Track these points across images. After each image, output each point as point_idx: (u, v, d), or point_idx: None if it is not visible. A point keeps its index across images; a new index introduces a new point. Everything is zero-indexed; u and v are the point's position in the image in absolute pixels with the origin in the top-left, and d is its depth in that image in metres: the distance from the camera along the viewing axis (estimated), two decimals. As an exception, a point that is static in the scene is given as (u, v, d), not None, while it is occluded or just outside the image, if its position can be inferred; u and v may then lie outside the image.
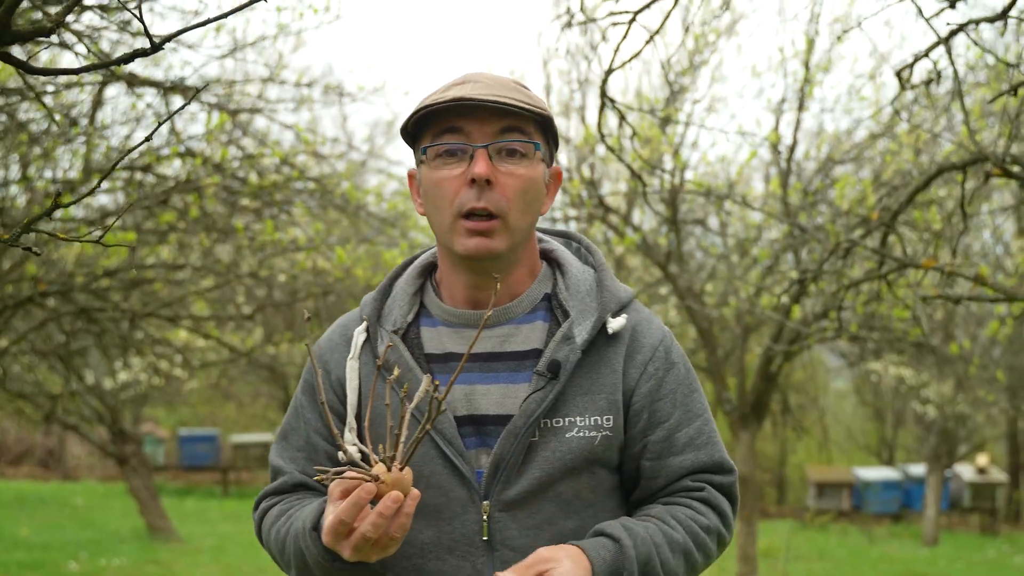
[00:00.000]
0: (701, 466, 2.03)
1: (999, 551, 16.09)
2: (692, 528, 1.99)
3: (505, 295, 2.03)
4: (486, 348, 2.00)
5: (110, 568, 10.95)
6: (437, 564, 1.97)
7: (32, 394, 11.19)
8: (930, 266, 3.56)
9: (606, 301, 2.01)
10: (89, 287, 6.52)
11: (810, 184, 8.30)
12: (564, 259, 2.10)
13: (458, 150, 1.95)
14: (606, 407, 1.96)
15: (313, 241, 6.86)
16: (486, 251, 1.93)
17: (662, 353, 2.02)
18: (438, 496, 1.97)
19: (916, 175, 5.90)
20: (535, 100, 2.00)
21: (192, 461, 21.46)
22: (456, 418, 1.97)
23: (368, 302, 2.13)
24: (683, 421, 2.02)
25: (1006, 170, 3.44)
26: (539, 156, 2.00)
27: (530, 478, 1.94)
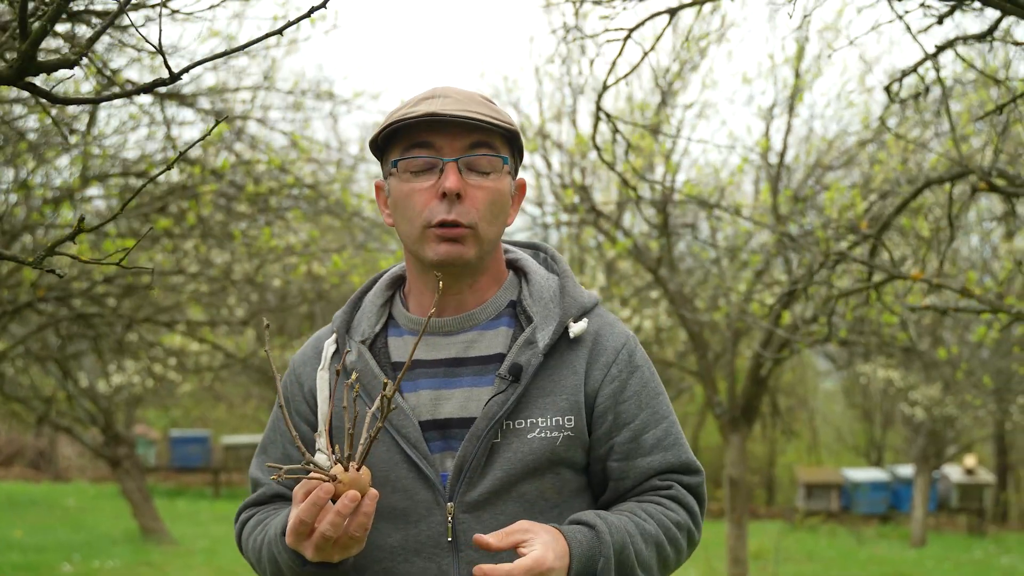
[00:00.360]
0: (669, 466, 2.07)
1: (986, 552, 16.21)
2: (663, 522, 2.02)
3: (471, 302, 2.08)
4: (450, 354, 2.05)
5: (103, 570, 11.00)
6: (405, 567, 2.01)
7: (26, 397, 11.24)
8: (918, 278, 3.64)
9: (568, 306, 2.06)
10: (88, 293, 6.58)
11: (800, 190, 8.39)
12: (529, 268, 2.16)
13: (428, 164, 2.00)
14: (567, 408, 2.00)
15: (309, 247, 6.93)
16: (456, 257, 1.98)
17: (625, 356, 2.07)
18: (404, 500, 2.01)
19: (904, 183, 5.98)
20: (503, 115, 2.05)
21: (183, 462, 21.49)
22: (422, 423, 2.01)
23: (338, 315, 2.20)
24: (649, 423, 2.06)
25: (991, 184, 3.52)
26: (506, 169, 2.05)
27: (492, 479, 1.98)
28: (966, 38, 3.89)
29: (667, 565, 2.06)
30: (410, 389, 2.04)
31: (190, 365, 11.69)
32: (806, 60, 8.32)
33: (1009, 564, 14.67)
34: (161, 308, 7.37)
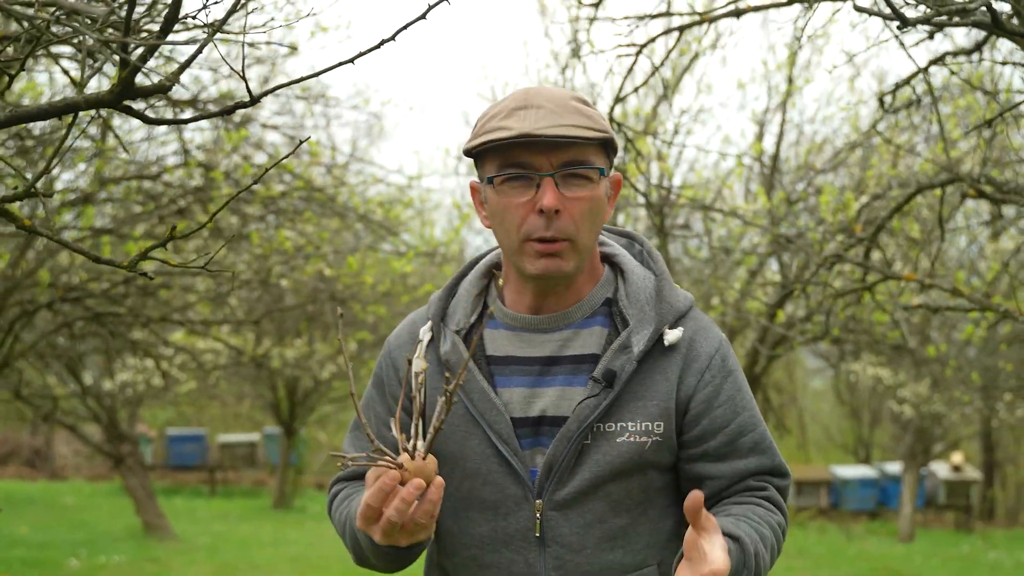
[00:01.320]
0: (765, 469, 2.11)
1: (973, 547, 16.46)
2: (772, 526, 2.07)
3: (568, 299, 2.10)
4: (545, 352, 2.08)
5: (109, 565, 11.19)
6: (494, 556, 2.07)
7: (31, 395, 11.42)
8: (911, 279, 3.88)
9: (664, 312, 2.07)
10: (107, 293, 6.78)
11: (793, 192, 8.63)
12: (626, 265, 2.15)
13: (524, 177, 2.00)
14: (657, 414, 2.03)
15: (319, 249, 7.14)
16: (556, 271, 2.01)
17: (718, 361, 2.08)
18: (494, 492, 2.06)
19: (896, 186, 6.22)
20: (597, 123, 2.04)
21: (180, 460, 21.61)
22: (514, 419, 2.05)
23: (434, 301, 2.21)
24: (746, 427, 2.09)
25: (980, 191, 3.76)
26: (602, 178, 2.05)
27: (581, 479, 2.02)
28: (956, 53, 4.14)
29: (771, 566, 2.09)
30: (504, 385, 2.07)
31: (195, 364, 11.88)
32: (797, 66, 8.59)
33: (995, 559, 14.93)
34: (175, 308, 7.58)
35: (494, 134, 1.99)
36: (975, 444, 23.92)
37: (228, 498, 20.21)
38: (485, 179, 2.07)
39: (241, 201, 7.29)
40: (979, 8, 2.58)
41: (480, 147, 2.02)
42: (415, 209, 10.18)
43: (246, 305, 10.83)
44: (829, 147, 9.50)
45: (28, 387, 10.43)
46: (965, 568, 14.08)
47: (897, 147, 5.81)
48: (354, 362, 15.17)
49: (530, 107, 2.00)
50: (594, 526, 2.04)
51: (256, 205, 7.05)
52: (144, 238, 6.51)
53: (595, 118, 2.04)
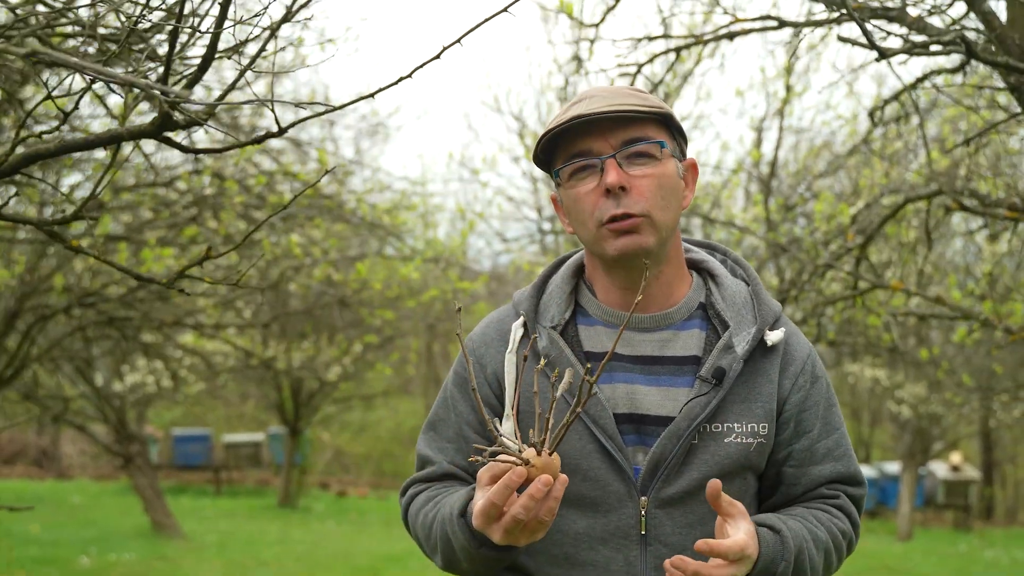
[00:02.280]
0: (839, 476, 2.11)
1: (971, 545, 16.65)
2: (832, 530, 2.06)
3: (662, 301, 2.10)
4: (647, 351, 2.07)
5: (120, 563, 11.37)
6: (590, 554, 2.03)
7: (42, 397, 11.62)
8: (898, 288, 4.08)
9: (764, 314, 2.08)
10: (123, 298, 6.98)
11: (792, 196, 8.81)
12: (716, 270, 2.16)
13: (588, 165, 2.02)
14: (762, 415, 2.04)
15: (327, 254, 7.33)
16: (637, 247, 1.99)
17: (810, 367, 2.11)
18: (595, 489, 2.02)
19: (887, 193, 6.40)
20: (651, 101, 2.05)
21: (185, 460, 21.81)
22: (616, 415, 2.03)
23: (523, 299, 2.19)
24: (823, 433, 2.10)
25: (961, 204, 3.95)
26: (667, 153, 2.04)
27: (689, 478, 2.00)
28: (941, 71, 4.33)
29: (830, 570, 2.08)
30: (605, 381, 2.05)
31: (206, 365, 12.09)
32: (795, 74, 8.75)
33: (993, 557, 15.12)
34: (186, 311, 7.78)
35: (549, 127, 2.04)
36: (974, 444, 24.10)
37: (233, 497, 20.40)
38: (554, 175, 2.09)
39: (250, 207, 7.48)
40: (952, 41, 2.77)
41: (543, 140, 2.05)
42: (418, 213, 10.39)
43: (251, 308, 11.05)
44: (827, 151, 9.67)
45: (41, 388, 10.63)
46: (962, 566, 14.25)
47: (890, 158, 6.00)
48: (359, 364, 15.39)
49: (585, 99, 2.05)
50: (696, 527, 2.01)
51: (266, 211, 7.24)
52: (158, 245, 6.69)
53: (650, 99, 2.06)
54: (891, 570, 13.34)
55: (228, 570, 11.39)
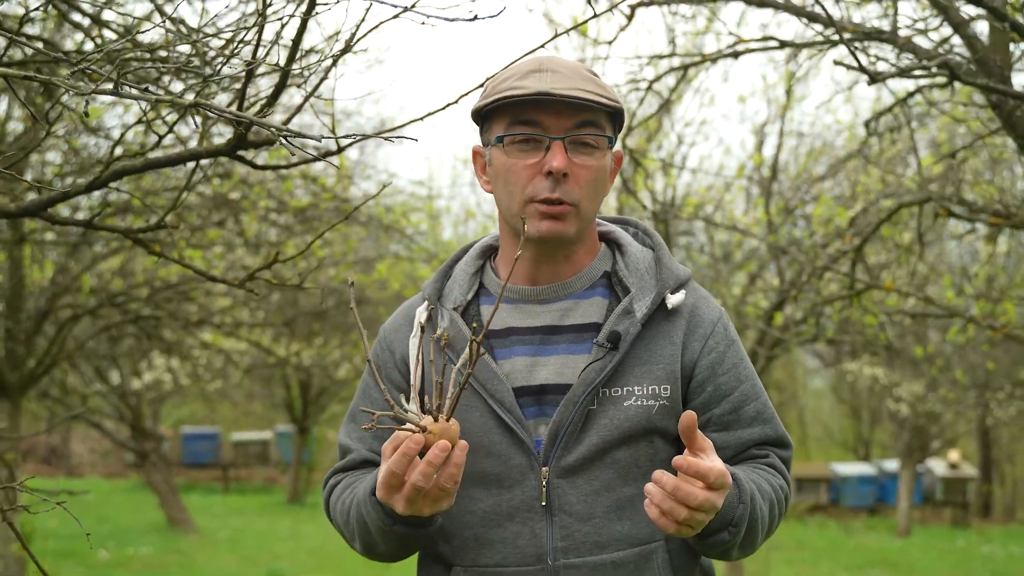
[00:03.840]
0: (767, 439, 2.10)
1: (968, 541, 16.94)
2: (772, 483, 2.06)
3: (566, 272, 2.09)
4: (546, 322, 2.06)
5: (137, 557, 11.69)
6: (498, 532, 2.00)
7: (61, 395, 11.91)
8: (890, 288, 4.38)
9: (665, 278, 2.07)
10: (151, 298, 7.28)
11: (793, 198, 9.08)
12: (623, 240, 2.16)
13: (534, 139, 1.99)
14: (663, 377, 2.01)
15: (347, 256, 7.63)
16: (558, 234, 2.00)
17: (721, 329, 2.09)
18: (498, 465, 2.01)
19: (883, 198, 6.69)
20: (608, 92, 2.04)
21: (194, 458, 22.13)
22: (516, 389, 2.02)
23: (429, 284, 2.20)
24: (749, 396, 2.08)
25: (950, 211, 4.25)
26: (608, 148, 2.06)
27: (588, 445, 1.98)
28: (931, 87, 4.63)
29: (773, 525, 2.07)
30: (505, 356, 2.05)
31: (230, 363, 12.40)
32: (794, 80, 9.03)
33: (989, 552, 15.42)
34: (212, 312, 8.09)
35: (509, 92, 1.98)
36: (973, 442, 24.35)
37: (241, 495, 20.71)
38: (492, 140, 2.05)
39: (272, 211, 7.78)
40: (937, 65, 3.07)
41: (494, 104, 2.01)
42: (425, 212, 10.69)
43: (262, 307, 11.36)
44: (827, 155, 9.94)
45: (55, 387, 10.90)
46: (959, 561, 14.56)
47: (887, 164, 6.30)
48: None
49: (545, 70, 2.00)
50: (601, 494, 1.99)
51: (288, 215, 7.53)
52: (188, 247, 6.97)
53: (607, 88, 2.05)
54: (890, 565, 13.64)
55: (242, 563, 11.70)
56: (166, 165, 2.62)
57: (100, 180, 2.56)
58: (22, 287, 7.29)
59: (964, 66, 3.54)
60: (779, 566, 12.50)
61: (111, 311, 7.82)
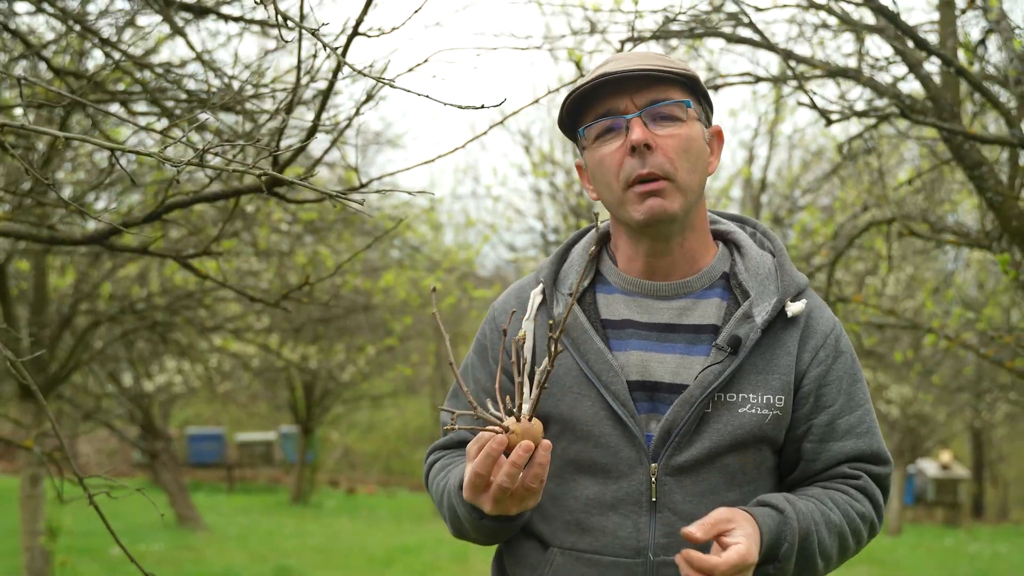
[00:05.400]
0: (860, 454, 2.06)
1: (957, 540, 17.30)
2: (848, 512, 2.01)
3: (684, 269, 2.06)
4: (664, 319, 2.04)
5: (149, 553, 12.05)
6: (600, 520, 2.00)
7: (71, 397, 12.30)
8: (858, 301, 4.78)
9: (787, 285, 2.04)
10: (171, 306, 7.69)
11: (780, 208, 9.48)
12: (742, 241, 2.12)
13: (613, 125, 1.98)
14: (779, 387, 1.99)
15: (355, 265, 8.03)
16: (661, 211, 1.95)
17: (832, 341, 2.06)
18: (606, 455, 1.99)
19: (860, 212, 7.08)
20: (677, 64, 2.02)
21: (199, 459, 22.48)
22: (629, 382, 2.00)
23: (545, 266, 2.17)
24: (846, 408, 2.05)
25: (912, 230, 4.65)
26: (693, 115, 2.01)
27: (700, 447, 1.97)
28: (900, 113, 5.02)
29: (846, 554, 2.04)
30: (620, 348, 2.03)
31: (234, 366, 12.81)
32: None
33: (976, 551, 15.76)
34: (227, 317, 8.50)
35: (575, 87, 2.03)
36: (967, 443, 24.68)
37: (246, 494, 21.07)
38: (579, 135, 2.06)
39: (282, 221, 8.18)
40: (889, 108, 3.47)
41: (569, 101, 2.03)
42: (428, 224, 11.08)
43: (271, 313, 11.76)
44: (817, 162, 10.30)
45: (73, 389, 11.30)
46: (945, 559, 14.89)
47: (854, 188, 6.69)
48: (372, 365, 16.10)
49: (611, 61, 2.03)
50: (707, 496, 1.98)
51: (297, 226, 7.93)
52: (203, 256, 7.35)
53: (675, 62, 2.04)
54: (878, 562, 13.99)
55: (251, 559, 12.06)
56: (211, 200, 3.02)
57: (155, 212, 2.96)
58: (45, 293, 7.69)
59: (918, 103, 3.94)
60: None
61: (130, 317, 8.22)
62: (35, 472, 7.76)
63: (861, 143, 5.35)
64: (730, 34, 4.35)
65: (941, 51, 3.67)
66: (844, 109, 3.50)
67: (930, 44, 3.63)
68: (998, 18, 4.04)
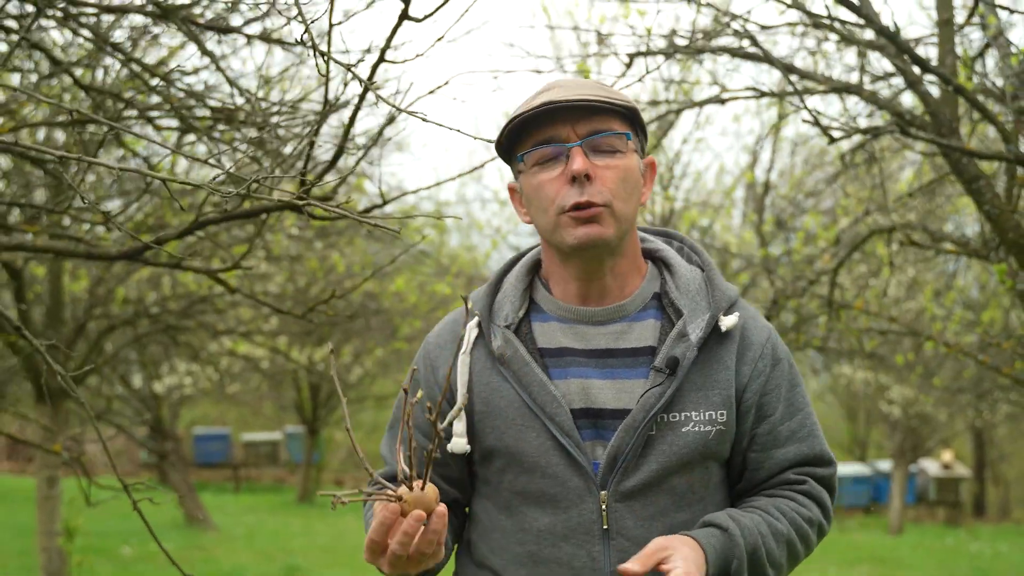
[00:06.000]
0: (803, 458, 2.08)
1: (958, 539, 17.44)
2: (795, 520, 2.04)
3: (616, 293, 2.07)
4: (601, 344, 2.04)
5: (160, 553, 12.17)
6: (553, 551, 2.00)
7: (82, 398, 12.43)
8: (859, 308, 4.91)
9: (718, 299, 2.05)
10: (187, 311, 7.84)
11: (785, 211, 9.58)
12: (671, 259, 2.13)
13: (554, 153, 2.00)
14: (720, 402, 2.01)
15: (366, 270, 8.18)
16: (596, 237, 1.97)
17: (769, 350, 2.08)
18: (555, 486, 2.00)
19: (862, 218, 7.21)
20: (619, 95, 2.04)
21: (205, 458, 22.65)
22: (572, 411, 2.00)
23: (479, 298, 2.16)
24: (786, 414, 2.07)
25: (911, 240, 4.78)
26: (631, 147, 2.03)
27: (647, 470, 1.98)
28: (895, 126, 5.16)
29: (796, 560, 2.06)
30: (560, 377, 2.03)
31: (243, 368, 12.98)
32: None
33: (977, 550, 15.90)
34: (242, 321, 8.67)
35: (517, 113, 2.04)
36: (969, 442, 24.79)
37: (252, 494, 21.22)
38: (517, 160, 2.07)
39: (293, 226, 8.31)
40: (890, 126, 3.61)
41: (510, 126, 2.04)
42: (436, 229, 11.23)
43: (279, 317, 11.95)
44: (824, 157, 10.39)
45: (87, 391, 11.45)
46: (946, 558, 15.03)
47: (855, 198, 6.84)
48: (378, 366, 16.26)
49: (553, 88, 2.04)
50: (657, 519, 1.99)
51: (310, 231, 8.07)
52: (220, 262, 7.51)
53: (617, 93, 2.06)
54: (879, 561, 14.13)
55: (259, 558, 12.22)
56: (242, 217, 3.16)
57: (188, 229, 3.11)
58: (61, 298, 7.83)
59: (917, 119, 4.08)
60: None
61: (144, 321, 8.37)
62: (52, 474, 7.91)
63: (863, 153, 5.48)
64: (735, 49, 4.50)
65: (940, 70, 3.80)
66: (846, 126, 3.63)
67: (929, 64, 3.76)
68: (995, 34, 4.18)
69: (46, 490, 7.89)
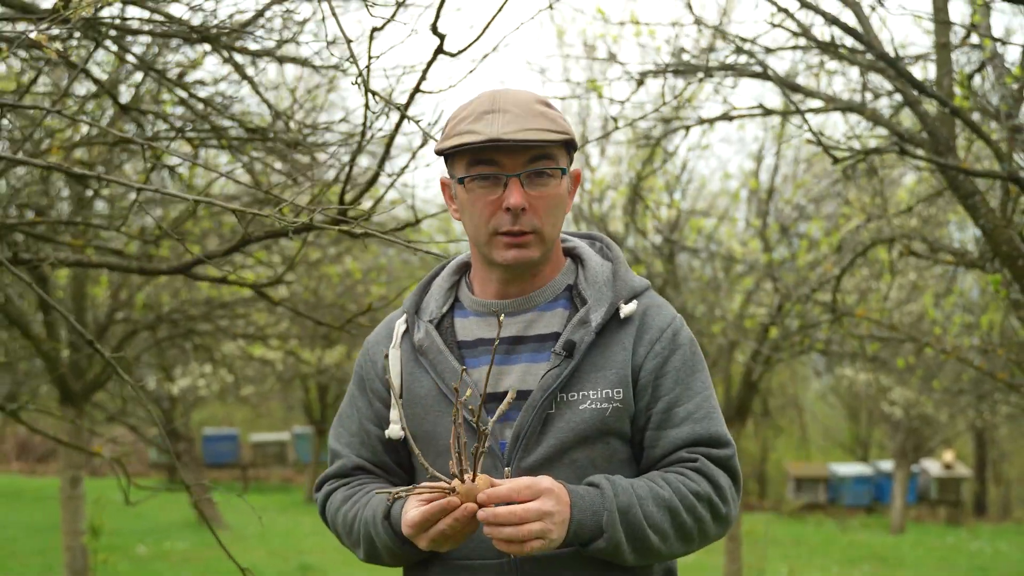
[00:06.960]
0: (697, 438, 2.17)
1: (959, 538, 17.66)
2: (680, 490, 2.11)
3: (530, 286, 2.24)
4: (511, 332, 2.21)
5: (174, 551, 12.45)
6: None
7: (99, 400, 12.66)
8: (861, 315, 5.13)
9: (619, 289, 2.21)
10: (207, 316, 8.06)
11: (788, 217, 9.76)
12: (585, 255, 2.29)
13: (493, 177, 2.13)
14: (616, 381, 2.14)
15: (380, 276, 8.41)
16: (525, 261, 2.16)
17: (669, 335, 2.20)
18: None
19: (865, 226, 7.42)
20: (560, 125, 2.16)
21: (214, 459, 22.81)
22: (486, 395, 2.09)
23: (409, 298, 2.36)
24: (684, 397, 2.18)
25: (911, 250, 5.00)
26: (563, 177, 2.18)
27: (547, 446, 2.13)
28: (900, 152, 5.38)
29: (686, 533, 2.13)
30: (474, 365, 2.20)
31: (251, 371, 13.21)
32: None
33: (977, 548, 16.13)
34: (258, 326, 8.91)
35: (464, 137, 2.13)
36: (970, 442, 24.95)
37: (261, 494, 21.41)
38: (455, 178, 2.19)
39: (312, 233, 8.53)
40: (890, 146, 3.82)
41: (451, 150, 2.15)
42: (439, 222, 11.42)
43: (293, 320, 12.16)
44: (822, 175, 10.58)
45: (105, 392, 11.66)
46: (946, 556, 15.26)
47: (856, 209, 7.05)
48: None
49: (497, 111, 2.13)
50: None
51: (326, 238, 8.29)
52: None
53: (558, 120, 2.18)
54: (880, 559, 14.36)
55: (271, 557, 12.45)
56: (282, 235, 3.38)
57: (236, 246, 3.33)
58: (84, 302, 8.05)
59: (916, 136, 4.30)
60: (775, 561, 13.16)
61: (164, 325, 8.59)
62: (75, 474, 8.13)
63: (864, 166, 5.69)
64: (743, 68, 4.72)
65: (938, 93, 4.02)
66: (848, 146, 3.85)
67: (927, 87, 3.97)
68: (991, 55, 4.40)
69: (69, 490, 8.11)
